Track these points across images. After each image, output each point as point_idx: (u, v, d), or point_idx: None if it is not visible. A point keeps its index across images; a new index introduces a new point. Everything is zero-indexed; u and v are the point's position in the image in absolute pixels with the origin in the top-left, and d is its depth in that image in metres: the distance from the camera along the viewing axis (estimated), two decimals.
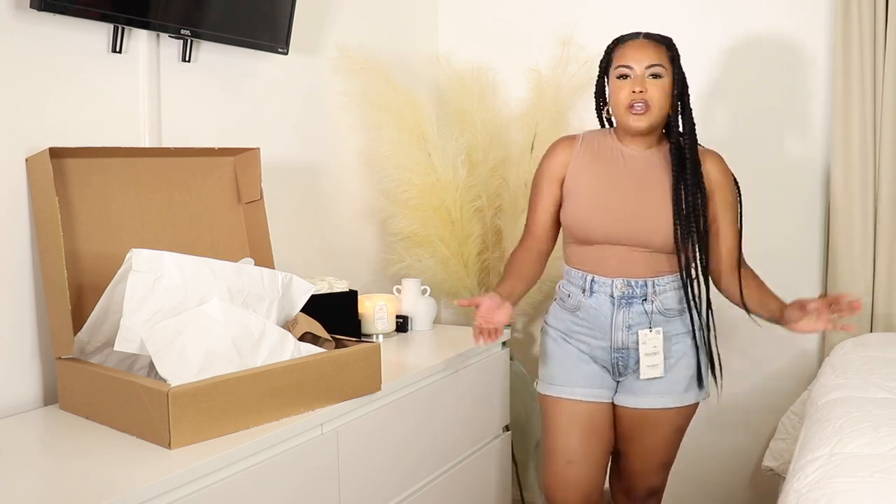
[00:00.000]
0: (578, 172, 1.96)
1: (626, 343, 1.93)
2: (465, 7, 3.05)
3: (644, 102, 1.85)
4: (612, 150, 1.96)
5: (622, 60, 1.88)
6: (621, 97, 1.87)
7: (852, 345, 2.33)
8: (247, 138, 2.21)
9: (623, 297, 1.91)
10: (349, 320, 2.24)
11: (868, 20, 2.38)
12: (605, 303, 1.93)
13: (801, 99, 2.60)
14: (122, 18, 1.80)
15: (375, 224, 2.74)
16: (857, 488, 1.36)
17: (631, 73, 1.86)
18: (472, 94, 2.77)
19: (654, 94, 1.85)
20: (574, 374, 1.97)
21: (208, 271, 1.65)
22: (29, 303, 1.72)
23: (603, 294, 1.93)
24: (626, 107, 1.87)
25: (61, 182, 1.70)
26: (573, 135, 2.04)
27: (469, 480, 2.23)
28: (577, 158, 1.97)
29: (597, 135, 2.01)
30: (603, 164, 1.95)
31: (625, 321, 1.92)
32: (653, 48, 1.88)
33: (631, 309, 1.92)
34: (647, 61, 1.86)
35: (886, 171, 2.42)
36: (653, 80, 1.86)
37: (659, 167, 1.93)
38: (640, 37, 1.91)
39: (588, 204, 1.93)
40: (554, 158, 2.00)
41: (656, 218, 1.89)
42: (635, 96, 1.85)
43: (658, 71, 1.86)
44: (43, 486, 1.36)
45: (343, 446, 1.72)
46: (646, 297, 1.91)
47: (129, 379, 1.50)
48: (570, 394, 1.97)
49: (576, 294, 1.97)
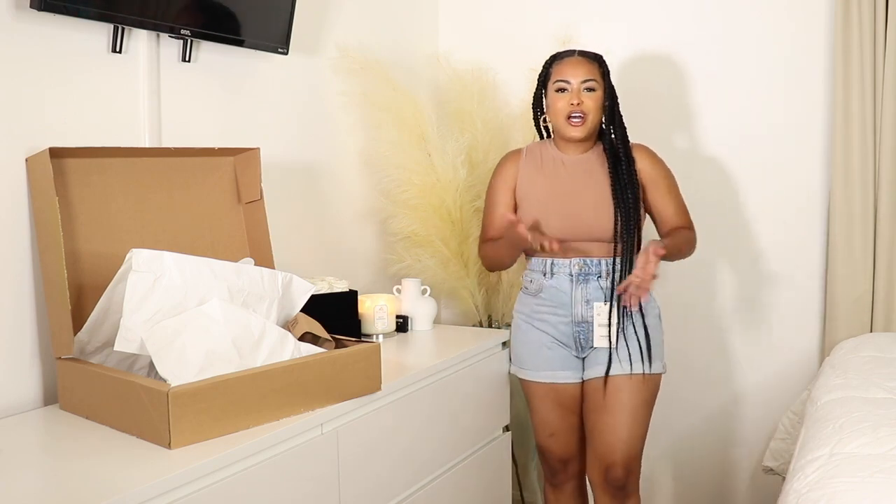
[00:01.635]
0: (526, 181, 2.21)
1: (585, 317, 2.14)
2: (465, 7, 3.05)
3: (581, 113, 2.10)
4: (552, 158, 2.21)
5: (560, 75, 2.13)
6: (560, 107, 2.12)
7: (852, 345, 2.33)
8: (247, 138, 2.21)
9: (581, 274, 2.14)
10: (349, 320, 2.24)
11: (868, 20, 2.38)
12: (565, 281, 2.15)
13: (802, 99, 2.60)
14: (122, 18, 1.80)
15: (375, 224, 2.74)
16: (857, 488, 1.36)
17: (568, 87, 2.11)
18: (472, 94, 2.77)
19: (590, 105, 2.11)
20: (538, 359, 2.20)
21: (208, 271, 1.65)
22: (29, 303, 1.72)
23: (562, 274, 2.15)
24: (565, 117, 2.12)
25: (61, 182, 1.70)
26: (517, 149, 2.29)
27: (469, 480, 2.23)
28: (523, 169, 2.22)
29: (538, 146, 2.26)
30: (546, 172, 2.20)
31: (583, 296, 2.14)
32: (587, 65, 2.13)
33: (588, 285, 2.14)
34: (583, 76, 2.11)
35: (886, 172, 2.42)
36: (587, 93, 2.11)
37: (595, 168, 2.17)
38: (575, 54, 2.16)
39: (538, 210, 2.16)
40: (504, 171, 2.25)
41: (600, 214, 2.12)
42: (573, 108, 2.10)
43: (592, 85, 2.11)
44: (43, 486, 1.36)
45: (343, 446, 1.72)
46: (601, 275, 2.14)
47: (129, 379, 1.50)
48: (535, 377, 2.21)
49: (537, 279, 2.20)
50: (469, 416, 2.23)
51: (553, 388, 2.20)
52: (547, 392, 2.20)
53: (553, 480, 2.31)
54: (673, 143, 2.73)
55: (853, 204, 2.45)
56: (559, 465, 2.27)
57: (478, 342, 2.31)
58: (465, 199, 2.62)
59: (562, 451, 2.25)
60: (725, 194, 2.71)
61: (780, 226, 2.66)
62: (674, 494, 2.87)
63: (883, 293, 2.45)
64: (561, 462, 2.27)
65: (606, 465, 2.13)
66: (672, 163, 2.26)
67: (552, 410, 2.22)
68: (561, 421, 2.22)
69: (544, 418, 2.23)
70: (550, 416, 2.22)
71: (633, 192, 2.13)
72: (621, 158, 2.14)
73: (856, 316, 2.47)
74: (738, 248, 2.72)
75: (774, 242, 2.67)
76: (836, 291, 2.49)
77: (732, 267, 2.73)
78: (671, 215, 2.19)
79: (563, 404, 2.21)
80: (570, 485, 2.31)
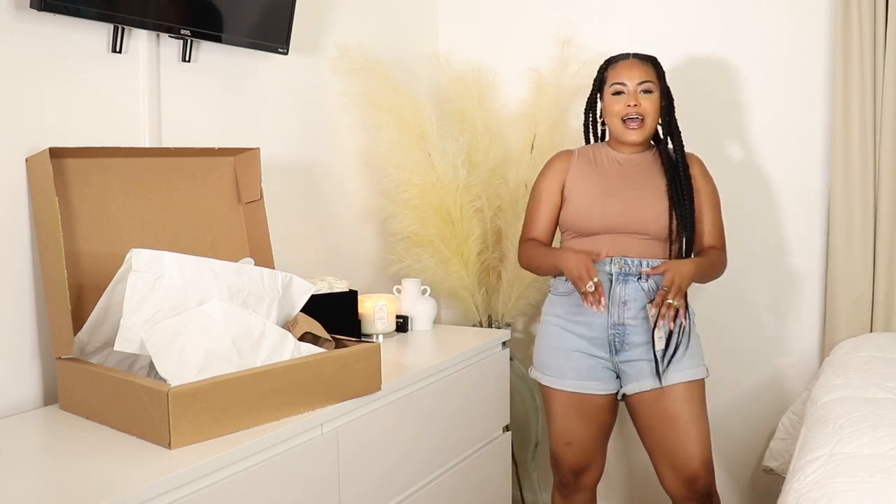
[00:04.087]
0: (578, 178, 2.16)
1: (623, 319, 2.08)
2: (465, 7, 3.05)
3: (638, 116, 2.07)
4: (607, 157, 2.18)
5: (616, 78, 2.10)
6: (617, 110, 2.10)
7: (852, 345, 2.33)
8: (247, 138, 2.21)
9: (620, 274, 2.08)
10: (349, 320, 2.24)
11: (868, 20, 2.38)
12: (604, 279, 2.07)
13: (802, 99, 2.60)
14: (122, 18, 1.80)
15: (375, 224, 2.74)
16: (857, 488, 1.36)
17: (625, 90, 2.09)
18: (472, 94, 2.77)
19: (647, 108, 2.08)
20: (565, 367, 2.14)
21: (208, 271, 1.65)
22: (29, 303, 1.72)
23: (602, 273, 2.07)
24: (622, 119, 2.09)
25: (61, 182, 1.70)
26: (569, 149, 2.24)
27: (469, 480, 2.23)
28: (575, 168, 2.18)
29: (590, 149, 2.23)
30: (600, 168, 2.16)
31: (621, 296, 2.08)
32: (643, 66, 2.11)
33: (627, 285, 2.08)
34: (639, 78, 2.08)
35: (886, 172, 2.41)
36: (645, 95, 2.08)
37: (650, 170, 2.14)
38: (630, 57, 2.13)
39: (589, 200, 2.12)
40: (553, 169, 2.20)
41: (651, 209, 2.08)
42: (630, 110, 2.07)
43: (649, 87, 2.09)
44: (43, 486, 1.36)
45: (343, 446, 1.72)
46: (640, 276, 2.08)
47: (129, 379, 1.50)
48: (559, 384, 2.15)
49: None
50: (469, 416, 2.23)
51: (578, 397, 2.13)
52: (570, 401, 2.14)
53: (563, 490, 2.26)
54: None
55: (853, 204, 2.45)
56: (571, 477, 2.21)
57: (478, 342, 2.31)
58: (465, 199, 2.62)
59: (576, 461, 2.19)
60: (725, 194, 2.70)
61: (780, 226, 2.66)
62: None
63: (883, 293, 2.45)
64: (573, 473, 2.21)
65: (691, 477, 2.06)
66: None
67: (573, 420, 2.15)
68: (580, 430, 2.16)
69: (563, 427, 2.17)
70: (570, 426, 2.16)
71: (689, 196, 2.10)
72: (678, 163, 2.12)
73: (856, 316, 2.47)
74: (738, 248, 2.72)
75: (774, 242, 2.67)
76: (836, 291, 2.49)
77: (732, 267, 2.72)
78: (708, 231, 2.16)
79: (586, 414, 2.14)
80: (581, 496, 2.25)
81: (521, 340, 2.98)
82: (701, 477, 2.06)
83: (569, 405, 2.14)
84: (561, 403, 2.15)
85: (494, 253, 2.79)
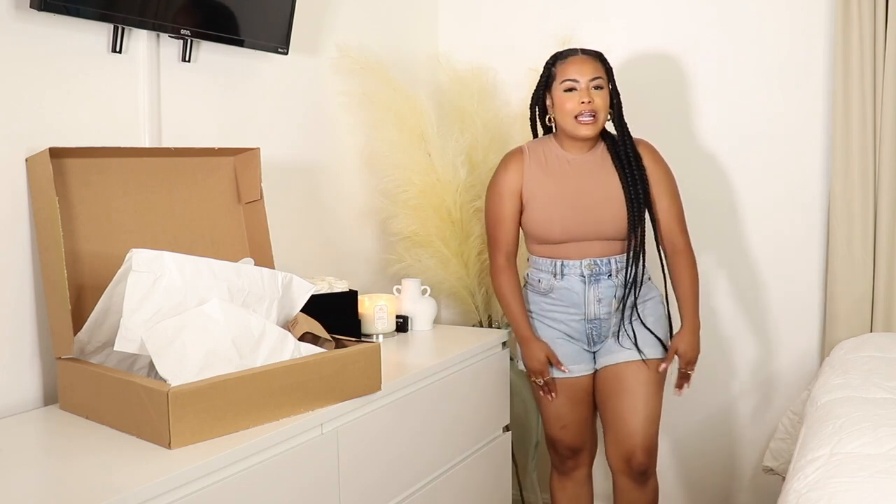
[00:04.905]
0: (532, 182, 2.18)
1: (598, 314, 2.18)
2: (465, 7, 3.05)
3: (592, 112, 2.08)
4: (557, 157, 2.19)
5: (567, 75, 2.11)
6: (570, 108, 2.10)
7: (852, 345, 2.33)
8: (247, 138, 2.21)
9: (592, 275, 2.16)
10: (349, 320, 2.24)
11: (868, 20, 2.38)
12: (577, 282, 2.17)
13: (802, 99, 2.60)
14: (122, 18, 1.80)
15: (375, 224, 2.74)
16: (857, 488, 1.36)
17: (577, 86, 2.10)
18: (472, 94, 2.77)
19: (599, 104, 2.10)
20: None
21: (208, 271, 1.65)
22: (29, 303, 1.72)
23: (573, 275, 2.16)
24: (574, 116, 2.09)
25: (61, 182, 1.70)
26: (518, 147, 2.26)
27: (469, 480, 2.23)
28: (528, 169, 2.20)
29: (539, 144, 2.24)
30: (552, 172, 2.18)
31: (595, 295, 2.17)
32: (593, 63, 2.12)
33: (599, 284, 2.16)
34: (591, 74, 2.10)
35: (886, 172, 2.41)
36: (596, 92, 2.10)
37: (601, 166, 2.17)
38: (578, 53, 2.14)
39: (545, 211, 2.16)
40: (509, 173, 2.21)
41: (607, 211, 2.13)
42: (584, 106, 2.08)
43: (600, 83, 2.11)
44: (43, 486, 1.36)
45: (343, 446, 1.72)
46: (610, 273, 2.17)
47: (129, 379, 1.50)
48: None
49: (546, 279, 2.20)
50: (469, 416, 2.23)
51: (566, 382, 2.22)
52: (561, 386, 2.22)
53: (562, 468, 2.35)
54: (672, 143, 2.73)
55: (853, 204, 2.45)
56: (569, 454, 2.30)
57: (478, 342, 2.31)
58: (465, 199, 2.62)
59: (573, 441, 2.28)
60: (725, 194, 2.71)
61: (779, 226, 2.66)
62: (674, 494, 2.86)
63: (883, 293, 2.45)
64: (571, 451, 2.30)
65: (628, 452, 2.16)
66: (671, 163, 2.26)
67: (564, 404, 2.24)
68: (573, 413, 2.25)
69: (557, 412, 2.25)
70: (563, 410, 2.24)
71: (643, 187, 2.15)
72: (629, 154, 2.15)
73: (856, 316, 2.47)
74: (738, 248, 2.72)
75: (774, 242, 2.67)
76: (836, 291, 2.49)
77: (732, 267, 2.73)
78: (667, 217, 2.21)
79: (575, 397, 2.23)
80: (579, 472, 2.34)
81: None
82: (638, 455, 2.15)
83: (561, 391, 2.22)
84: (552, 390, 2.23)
85: None
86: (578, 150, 2.18)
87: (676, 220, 2.22)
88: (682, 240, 2.22)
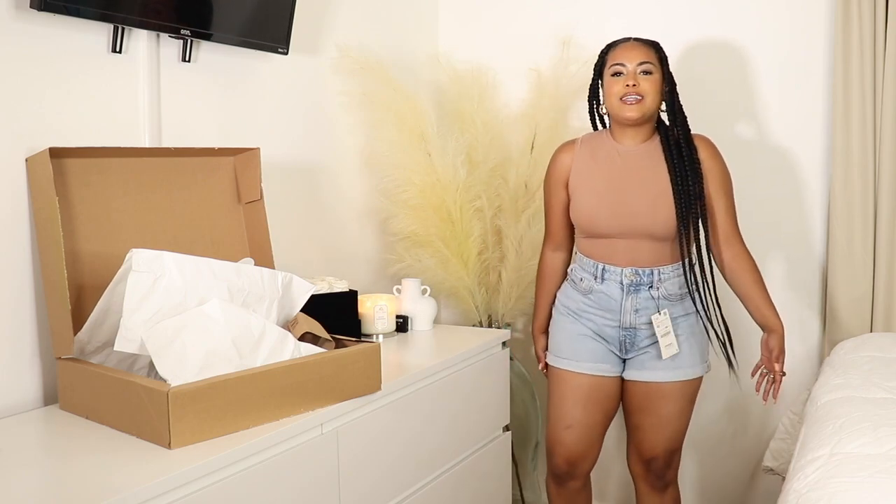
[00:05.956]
0: (580, 173, 2.14)
1: (634, 323, 2.11)
2: (465, 7, 3.05)
3: (637, 95, 2.02)
4: (608, 148, 2.13)
5: (616, 59, 2.06)
6: (615, 90, 2.05)
7: (852, 345, 2.33)
8: (247, 138, 2.21)
9: (632, 285, 2.09)
10: (349, 320, 2.24)
11: (868, 20, 2.38)
12: (616, 289, 2.10)
13: (802, 99, 2.60)
14: (122, 18, 1.81)
15: (375, 224, 2.74)
16: (857, 488, 1.36)
17: (624, 70, 2.04)
18: (472, 95, 2.77)
19: (646, 88, 2.03)
20: (580, 350, 2.15)
21: (208, 271, 1.65)
22: (29, 303, 1.72)
23: (613, 282, 2.10)
24: (619, 98, 2.04)
25: (61, 182, 1.70)
26: (572, 139, 2.22)
27: (469, 480, 2.23)
28: (578, 160, 2.15)
29: (594, 137, 2.19)
30: (602, 163, 2.12)
31: (633, 305, 2.10)
32: (643, 48, 2.07)
33: (639, 295, 2.09)
34: (639, 59, 2.04)
35: (886, 172, 2.41)
36: (644, 77, 2.04)
37: (653, 159, 2.09)
38: (630, 40, 2.10)
39: (591, 201, 2.10)
40: (557, 164, 2.18)
41: (656, 208, 2.05)
42: (629, 90, 2.03)
43: (649, 68, 2.04)
44: (43, 486, 1.36)
45: (343, 446, 1.72)
46: (651, 285, 2.08)
47: (129, 379, 1.50)
48: (575, 367, 2.15)
49: (588, 279, 2.14)
50: (469, 416, 2.23)
51: (592, 380, 2.13)
52: (581, 383, 2.14)
53: (557, 478, 2.24)
54: None
55: (853, 204, 2.45)
56: (566, 466, 2.18)
57: (478, 342, 2.31)
58: (465, 199, 2.62)
59: (573, 447, 2.16)
60: None
61: (779, 225, 2.66)
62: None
63: (883, 293, 2.45)
64: (568, 463, 2.18)
65: (648, 458, 2.18)
66: None
67: (577, 403, 2.14)
68: (583, 414, 2.14)
69: (567, 410, 2.15)
70: (574, 409, 2.15)
71: (695, 182, 2.05)
72: (682, 147, 2.06)
73: (856, 316, 2.47)
74: None
75: (774, 242, 2.67)
76: (836, 291, 2.49)
77: None
78: (722, 219, 2.11)
79: (594, 398, 2.14)
80: (575, 483, 2.23)
81: (521, 340, 2.98)
82: (658, 460, 2.17)
83: (580, 387, 2.14)
84: (570, 386, 2.15)
85: (494, 253, 2.79)
86: (630, 141, 2.10)
87: (732, 223, 2.12)
88: (739, 242, 2.13)
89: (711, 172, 2.10)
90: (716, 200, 2.10)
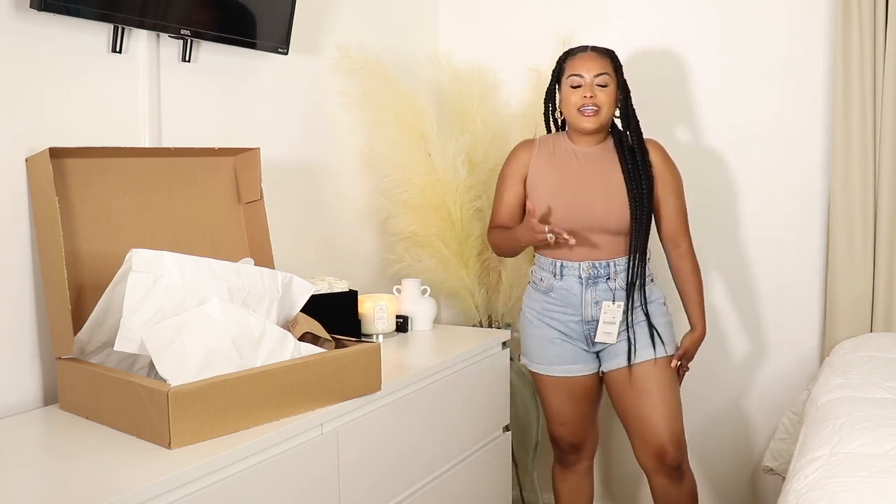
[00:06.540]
0: (538, 170, 2.24)
1: (595, 316, 2.21)
2: (465, 7, 3.05)
3: (594, 106, 2.14)
4: (565, 149, 2.25)
5: (573, 70, 2.17)
6: (573, 101, 2.16)
7: (852, 345, 2.33)
8: (247, 138, 2.21)
9: (590, 278, 2.20)
10: (349, 320, 2.24)
11: (868, 20, 2.38)
12: (575, 283, 2.21)
13: (802, 98, 2.60)
14: (122, 18, 1.81)
15: (375, 224, 2.74)
16: (857, 488, 1.36)
17: (582, 82, 2.15)
18: (472, 94, 2.77)
19: (602, 99, 2.15)
20: (548, 354, 2.27)
21: (208, 271, 1.65)
22: (29, 303, 1.72)
23: (572, 276, 2.20)
24: (577, 109, 2.15)
25: (61, 182, 1.70)
26: (531, 139, 2.33)
27: (469, 480, 2.23)
28: (536, 158, 2.26)
29: (551, 138, 2.30)
30: (558, 162, 2.24)
31: (592, 297, 2.21)
32: (600, 59, 2.17)
33: (597, 287, 2.20)
34: (596, 70, 2.15)
35: (886, 172, 2.41)
36: (601, 88, 2.15)
37: (608, 160, 2.21)
38: (588, 50, 2.20)
39: (547, 196, 2.20)
40: (518, 158, 2.28)
41: (610, 203, 2.17)
42: (586, 101, 2.14)
43: (605, 80, 2.15)
44: (43, 486, 1.36)
45: (343, 446, 1.72)
46: (609, 276, 2.20)
47: (129, 379, 1.50)
48: (546, 371, 2.28)
49: (547, 277, 2.25)
50: (469, 416, 2.23)
51: (566, 381, 2.27)
52: (560, 385, 2.28)
53: (563, 462, 2.42)
54: (672, 143, 2.73)
55: (853, 204, 2.45)
56: (570, 449, 2.38)
57: (478, 342, 2.31)
58: (465, 199, 2.62)
59: (573, 437, 2.35)
60: (725, 194, 2.71)
61: (779, 226, 2.66)
62: None
63: (883, 293, 2.45)
64: (572, 446, 2.37)
65: (658, 450, 2.20)
66: None
67: (564, 402, 2.30)
68: (573, 410, 2.31)
69: (557, 409, 2.32)
70: (563, 408, 2.31)
71: (647, 184, 2.18)
72: (635, 150, 2.19)
73: (856, 316, 2.47)
74: (738, 248, 2.72)
75: (774, 242, 2.67)
76: (836, 291, 2.49)
77: (732, 267, 2.73)
78: (671, 218, 2.26)
79: (576, 395, 2.29)
80: (581, 465, 2.42)
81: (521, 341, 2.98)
82: (669, 451, 2.19)
83: (558, 388, 2.28)
84: (551, 388, 2.30)
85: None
86: (586, 143, 2.23)
87: (681, 222, 2.27)
88: (686, 242, 2.28)
89: (663, 176, 2.23)
90: (664, 201, 2.24)
